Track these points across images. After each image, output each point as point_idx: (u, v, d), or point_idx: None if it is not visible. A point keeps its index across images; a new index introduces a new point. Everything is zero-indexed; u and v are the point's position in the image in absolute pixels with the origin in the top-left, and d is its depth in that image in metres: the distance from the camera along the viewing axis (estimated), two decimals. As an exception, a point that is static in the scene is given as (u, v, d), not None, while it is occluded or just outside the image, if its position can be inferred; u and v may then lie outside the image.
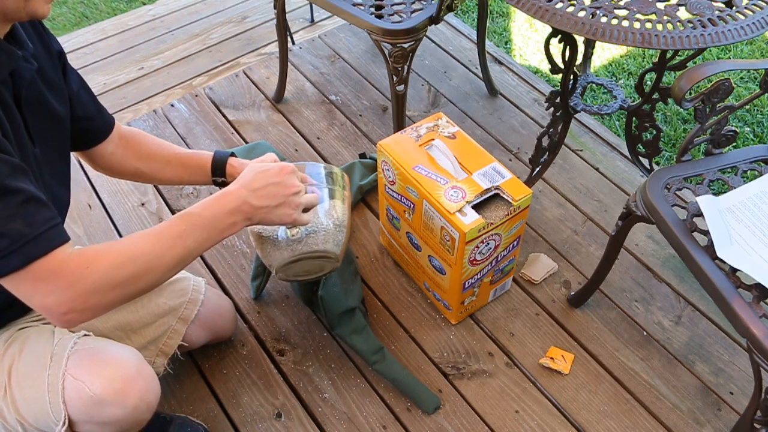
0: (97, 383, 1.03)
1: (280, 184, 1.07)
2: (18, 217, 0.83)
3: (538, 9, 1.25)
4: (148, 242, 0.94)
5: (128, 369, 1.07)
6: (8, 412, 1.06)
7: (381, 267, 1.73)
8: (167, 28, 2.50)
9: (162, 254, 0.94)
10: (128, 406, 1.05)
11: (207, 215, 1.00)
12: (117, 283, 0.90)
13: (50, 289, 0.85)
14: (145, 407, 1.09)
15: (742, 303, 1.11)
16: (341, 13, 1.71)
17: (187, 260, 0.97)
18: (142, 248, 0.93)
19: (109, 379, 1.04)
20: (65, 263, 0.86)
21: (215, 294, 1.49)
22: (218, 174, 1.28)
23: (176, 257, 0.96)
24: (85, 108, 1.16)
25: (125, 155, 1.26)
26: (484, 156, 1.46)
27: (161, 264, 0.94)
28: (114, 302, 0.91)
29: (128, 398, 1.05)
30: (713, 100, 1.28)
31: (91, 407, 1.04)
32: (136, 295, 0.94)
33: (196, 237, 0.98)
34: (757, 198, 1.28)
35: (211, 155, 1.28)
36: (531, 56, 2.48)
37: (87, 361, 1.06)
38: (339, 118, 2.12)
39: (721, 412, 1.46)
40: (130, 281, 0.91)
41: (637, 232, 1.79)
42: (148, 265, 0.93)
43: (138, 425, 1.12)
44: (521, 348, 1.57)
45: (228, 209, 1.02)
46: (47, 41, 1.05)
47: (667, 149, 2.13)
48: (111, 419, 1.06)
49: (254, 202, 1.03)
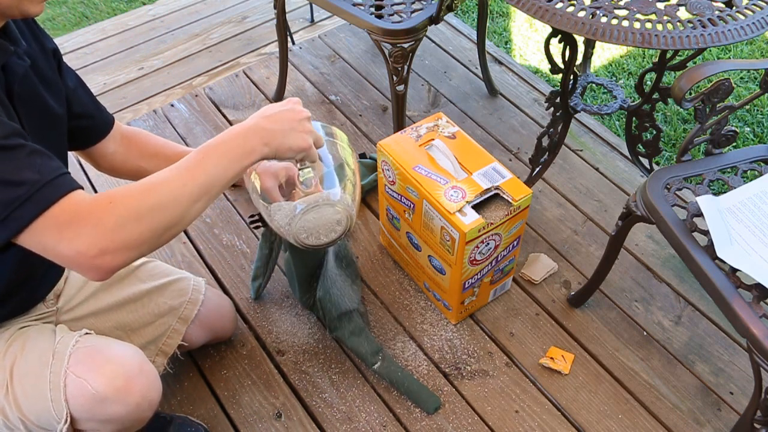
0: (99, 381, 1.03)
1: (290, 110, 1.03)
2: (27, 168, 0.81)
3: (538, 9, 1.25)
4: (168, 174, 0.90)
5: (130, 366, 1.07)
6: (10, 410, 1.06)
7: (381, 267, 1.73)
8: (167, 28, 2.50)
9: (184, 183, 0.90)
10: (130, 404, 1.06)
11: (223, 142, 0.96)
12: (143, 214, 0.86)
13: (76, 232, 0.82)
14: (147, 405, 1.09)
15: (742, 303, 1.11)
16: (341, 13, 1.71)
17: (210, 190, 0.93)
18: (163, 179, 0.90)
19: (111, 377, 1.04)
20: (86, 204, 0.83)
21: (215, 294, 1.49)
22: None
23: (199, 186, 0.92)
24: (83, 105, 1.16)
25: (127, 154, 1.26)
26: (484, 156, 1.46)
27: (185, 193, 0.90)
28: (143, 239, 0.86)
29: (130, 396, 1.05)
30: (713, 100, 1.28)
31: (93, 405, 1.04)
32: (164, 233, 0.89)
33: (216, 164, 0.94)
34: (757, 198, 1.28)
35: None
36: (531, 56, 2.48)
37: (89, 358, 1.06)
38: (339, 118, 2.12)
39: (721, 412, 1.46)
40: (156, 212, 0.87)
41: (637, 232, 1.79)
42: (171, 194, 0.89)
43: (139, 423, 1.12)
44: (521, 348, 1.57)
45: (243, 134, 0.98)
46: (41, 39, 1.05)
47: (667, 149, 2.13)
48: (113, 417, 1.06)
49: (267, 125, 1.00)
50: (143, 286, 1.32)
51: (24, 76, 0.96)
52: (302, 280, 1.51)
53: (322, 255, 1.47)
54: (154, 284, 1.34)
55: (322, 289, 1.47)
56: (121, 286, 1.31)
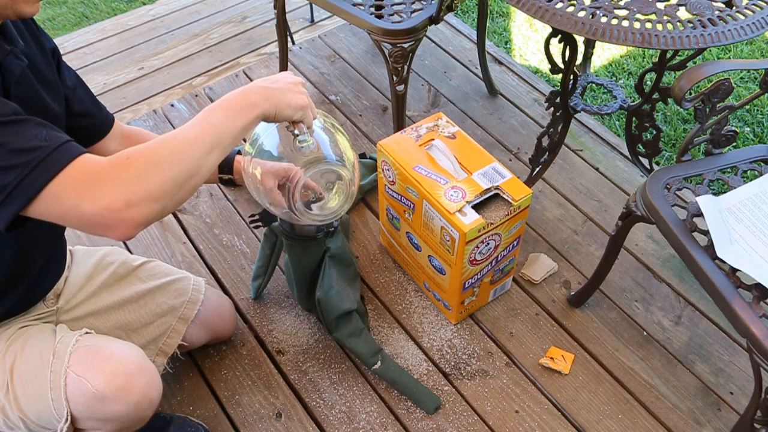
0: (99, 379, 1.04)
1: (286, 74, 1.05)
2: (35, 137, 0.82)
3: (538, 9, 1.25)
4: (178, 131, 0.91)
5: (130, 365, 1.07)
6: (10, 409, 1.06)
7: (381, 267, 1.73)
8: (167, 28, 2.50)
9: (195, 135, 0.91)
10: (130, 403, 1.06)
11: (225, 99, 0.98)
12: (162, 163, 0.86)
13: (98, 188, 0.82)
14: (148, 403, 1.09)
15: (742, 303, 1.11)
16: (341, 13, 1.71)
17: (222, 141, 0.93)
18: (174, 134, 0.91)
19: (112, 375, 1.04)
20: (103, 162, 0.84)
21: (215, 294, 1.49)
22: (225, 171, 1.28)
23: (210, 136, 0.92)
24: (83, 104, 1.16)
25: None
26: (484, 156, 1.46)
27: (198, 144, 0.91)
28: (165, 189, 0.86)
29: (130, 394, 1.05)
30: (713, 100, 1.28)
31: (93, 403, 1.04)
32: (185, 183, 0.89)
33: (223, 116, 0.95)
34: (757, 198, 1.28)
35: None
36: (531, 56, 2.48)
37: (89, 357, 1.07)
38: (339, 118, 2.12)
39: (721, 412, 1.46)
40: (175, 162, 0.88)
41: (637, 232, 1.79)
42: (186, 144, 0.90)
43: (140, 422, 1.13)
44: (521, 348, 1.57)
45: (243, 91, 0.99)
46: (40, 39, 1.05)
47: (667, 149, 2.13)
48: (113, 415, 1.06)
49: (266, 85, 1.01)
50: (143, 286, 1.32)
51: (21, 76, 0.96)
52: (301, 281, 1.51)
53: (320, 256, 1.47)
54: (155, 284, 1.34)
55: (321, 290, 1.47)
56: (121, 286, 1.31)
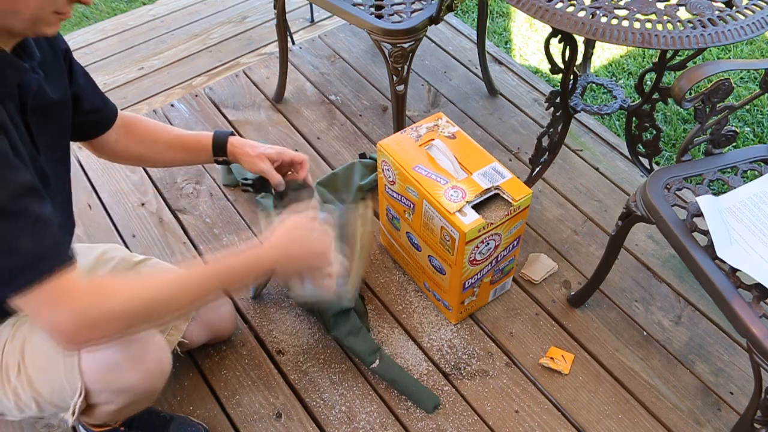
0: (112, 349, 1.05)
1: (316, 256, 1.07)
2: (26, 237, 0.84)
3: (538, 9, 1.25)
4: (169, 286, 0.95)
5: (142, 335, 1.10)
6: (23, 389, 1.08)
7: (381, 267, 1.73)
8: (167, 28, 2.50)
9: (179, 298, 0.96)
10: (143, 371, 1.08)
11: (235, 273, 1.02)
12: (130, 317, 0.91)
13: (60, 311, 0.86)
14: (160, 373, 1.12)
15: (742, 303, 1.11)
16: (341, 13, 1.71)
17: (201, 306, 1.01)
18: (162, 290, 0.94)
19: (124, 345, 1.06)
20: (80, 286, 0.87)
21: (215, 294, 1.49)
22: (219, 154, 1.30)
23: (191, 303, 0.99)
24: (92, 101, 1.17)
25: (127, 142, 1.27)
26: (484, 156, 1.46)
27: (175, 306, 0.96)
28: (119, 333, 0.93)
29: (144, 362, 1.08)
30: (713, 100, 1.28)
31: (107, 373, 1.06)
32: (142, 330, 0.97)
33: (217, 290, 1.02)
34: (757, 198, 1.28)
35: (212, 136, 1.30)
36: (531, 56, 2.48)
37: None
38: (339, 118, 2.12)
39: (721, 412, 1.46)
40: (142, 317, 0.93)
41: (637, 232, 1.79)
42: (163, 305, 0.95)
43: (151, 394, 1.15)
44: (521, 348, 1.57)
45: (257, 273, 1.05)
46: (54, 42, 1.06)
47: (667, 149, 2.13)
48: (127, 385, 1.08)
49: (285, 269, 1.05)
50: None
51: (38, 91, 0.97)
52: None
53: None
54: None
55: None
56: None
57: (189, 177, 1.94)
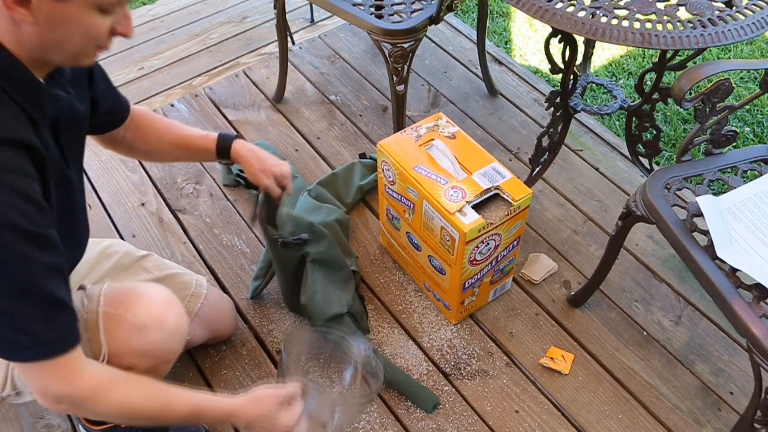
0: (136, 311, 1.10)
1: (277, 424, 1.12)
2: (40, 321, 0.88)
3: (538, 9, 1.25)
4: (155, 405, 1.01)
5: (162, 297, 1.15)
6: None
7: (381, 267, 1.73)
8: (167, 28, 2.50)
9: (157, 419, 1.03)
10: (167, 330, 1.13)
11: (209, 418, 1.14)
12: (110, 415, 1.01)
13: (56, 384, 0.92)
14: (180, 333, 1.17)
15: (742, 303, 1.11)
16: (341, 13, 1.71)
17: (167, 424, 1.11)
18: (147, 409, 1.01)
19: (146, 307, 1.11)
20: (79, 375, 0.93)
21: (216, 292, 1.49)
22: (223, 156, 1.30)
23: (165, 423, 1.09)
24: (108, 103, 1.18)
25: (134, 138, 1.29)
26: (484, 156, 1.46)
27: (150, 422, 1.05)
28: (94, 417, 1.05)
29: (167, 322, 1.14)
30: (713, 100, 1.28)
31: (131, 334, 1.10)
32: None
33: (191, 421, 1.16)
34: (757, 198, 1.28)
35: (215, 140, 1.30)
36: (531, 56, 2.48)
37: (122, 296, 1.13)
38: (339, 118, 2.12)
39: (721, 412, 1.46)
40: (119, 419, 1.05)
41: (637, 232, 1.79)
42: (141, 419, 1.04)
43: (173, 355, 1.19)
44: (521, 348, 1.57)
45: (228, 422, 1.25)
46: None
47: (667, 149, 2.13)
48: (151, 345, 1.11)
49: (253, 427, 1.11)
50: (148, 276, 1.35)
51: (69, 109, 0.99)
52: (282, 280, 1.53)
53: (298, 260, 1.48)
54: (159, 275, 1.36)
55: (305, 295, 1.48)
56: (127, 276, 1.34)
57: (189, 177, 1.94)
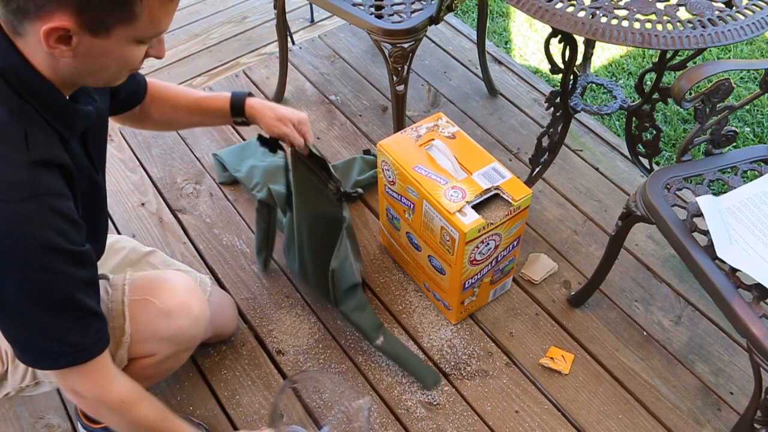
0: (162, 298, 1.12)
1: None
2: (76, 331, 0.93)
3: (538, 9, 1.25)
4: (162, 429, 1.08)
5: (186, 285, 1.19)
6: None
7: (381, 267, 1.73)
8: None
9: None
10: (192, 317, 1.15)
11: None
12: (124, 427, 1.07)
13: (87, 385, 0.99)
14: (204, 320, 1.19)
15: (742, 303, 1.11)
16: (341, 13, 1.71)
17: None
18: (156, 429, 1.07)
19: (172, 293, 1.13)
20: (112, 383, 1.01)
21: (219, 291, 1.50)
22: (237, 114, 1.30)
23: None
24: (128, 88, 1.19)
25: (150, 110, 1.29)
26: (484, 156, 1.46)
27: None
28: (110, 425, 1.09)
29: (192, 309, 1.17)
30: (713, 100, 1.28)
31: (157, 321, 1.12)
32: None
33: None
34: (757, 198, 1.28)
35: (229, 98, 1.30)
36: (531, 56, 2.48)
37: (146, 284, 1.15)
38: (339, 118, 2.12)
39: (721, 412, 1.46)
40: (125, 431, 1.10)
41: (637, 232, 1.79)
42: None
43: (194, 341, 1.22)
44: (521, 348, 1.57)
45: None
46: None
47: (667, 149, 2.13)
48: (177, 330, 1.14)
49: None
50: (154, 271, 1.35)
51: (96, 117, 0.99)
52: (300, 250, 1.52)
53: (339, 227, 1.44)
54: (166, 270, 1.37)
55: (336, 260, 1.43)
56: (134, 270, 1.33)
57: (189, 177, 1.94)
